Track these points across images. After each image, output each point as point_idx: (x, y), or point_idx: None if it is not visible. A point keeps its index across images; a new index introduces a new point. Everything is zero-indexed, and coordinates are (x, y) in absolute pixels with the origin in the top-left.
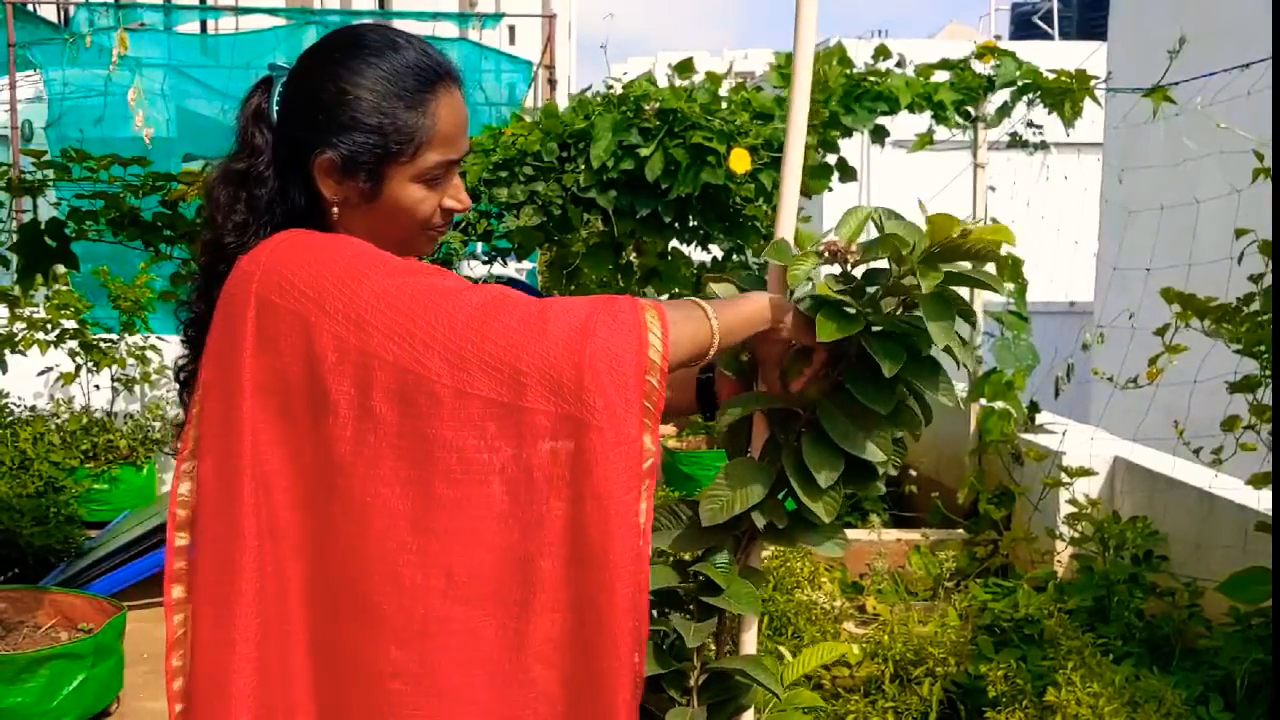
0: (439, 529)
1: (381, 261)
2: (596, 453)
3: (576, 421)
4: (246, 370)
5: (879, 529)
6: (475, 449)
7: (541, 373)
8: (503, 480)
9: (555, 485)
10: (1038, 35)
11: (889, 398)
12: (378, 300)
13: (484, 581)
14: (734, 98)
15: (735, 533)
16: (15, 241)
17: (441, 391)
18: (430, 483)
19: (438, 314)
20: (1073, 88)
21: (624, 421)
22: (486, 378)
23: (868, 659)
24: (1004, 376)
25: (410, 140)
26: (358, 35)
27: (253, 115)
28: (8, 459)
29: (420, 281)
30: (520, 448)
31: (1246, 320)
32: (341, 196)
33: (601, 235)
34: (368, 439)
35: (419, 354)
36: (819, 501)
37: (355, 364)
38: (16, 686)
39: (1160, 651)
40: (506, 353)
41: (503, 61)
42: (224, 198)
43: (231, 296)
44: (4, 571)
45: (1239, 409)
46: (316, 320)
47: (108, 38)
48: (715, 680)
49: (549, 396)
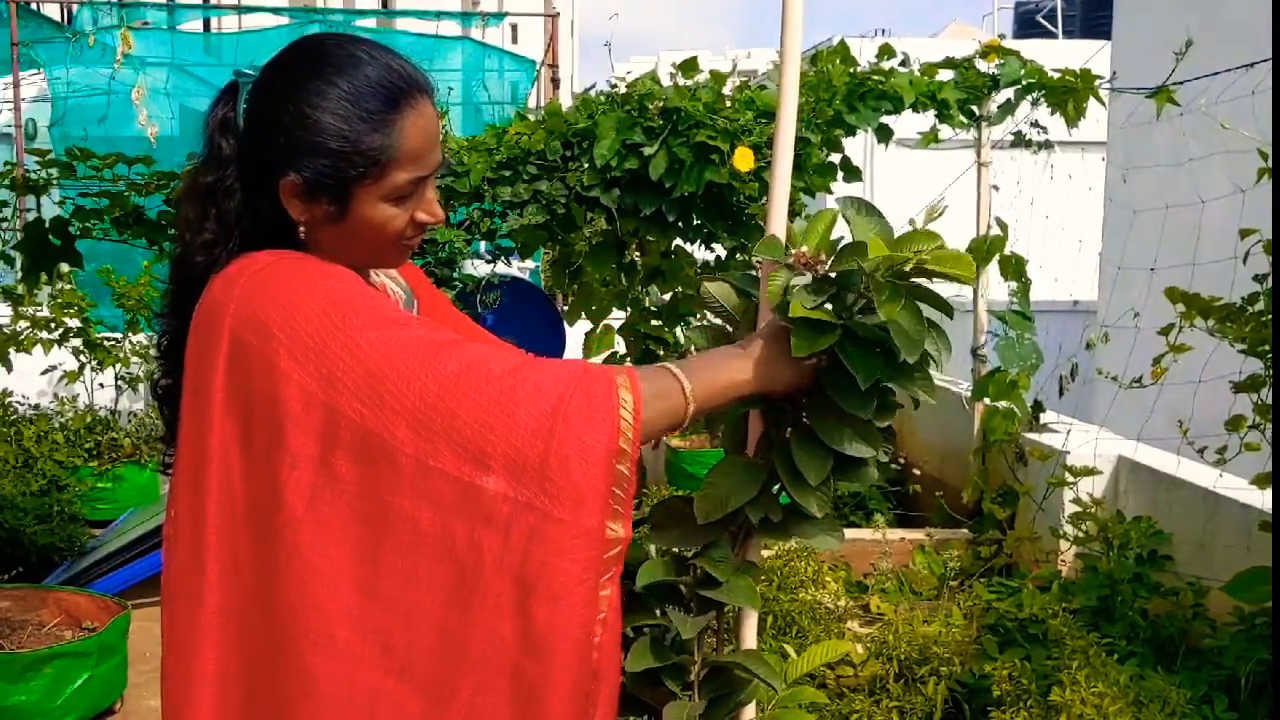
0: (384, 597)
1: (359, 309)
2: (553, 543)
3: (538, 511)
4: (217, 408)
5: (883, 528)
6: (430, 524)
7: (507, 457)
8: (454, 559)
9: (505, 571)
10: (1041, 34)
11: (868, 403)
12: (350, 356)
13: (420, 658)
14: (738, 96)
15: (732, 528)
16: (20, 240)
17: (405, 462)
18: (381, 549)
19: (410, 379)
20: (1077, 87)
21: (587, 513)
22: (452, 453)
23: (872, 658)
24: (1008, 376)
25: (375, 163)
26: (320, 51)
27: (219, 126)
28: (11, 457)
29: (396, 336)
30: (475, 528)
31: (1251, 320)
32: (308, 216)
33: (605, 234)
34: (324, 495)
35: (387, 420)
36: (810, 497)
37: (321, 419)
38: (20, 685)
39: (1165, 651)
40: (475, 432)
41: (506, 60)
42: (192, 214)
43: (206, 326)
44: (7, 570)
45: (1243, 409)
46: (286, 368)
47: (111, 36)
48: (715, 675)
49: (512, 482)
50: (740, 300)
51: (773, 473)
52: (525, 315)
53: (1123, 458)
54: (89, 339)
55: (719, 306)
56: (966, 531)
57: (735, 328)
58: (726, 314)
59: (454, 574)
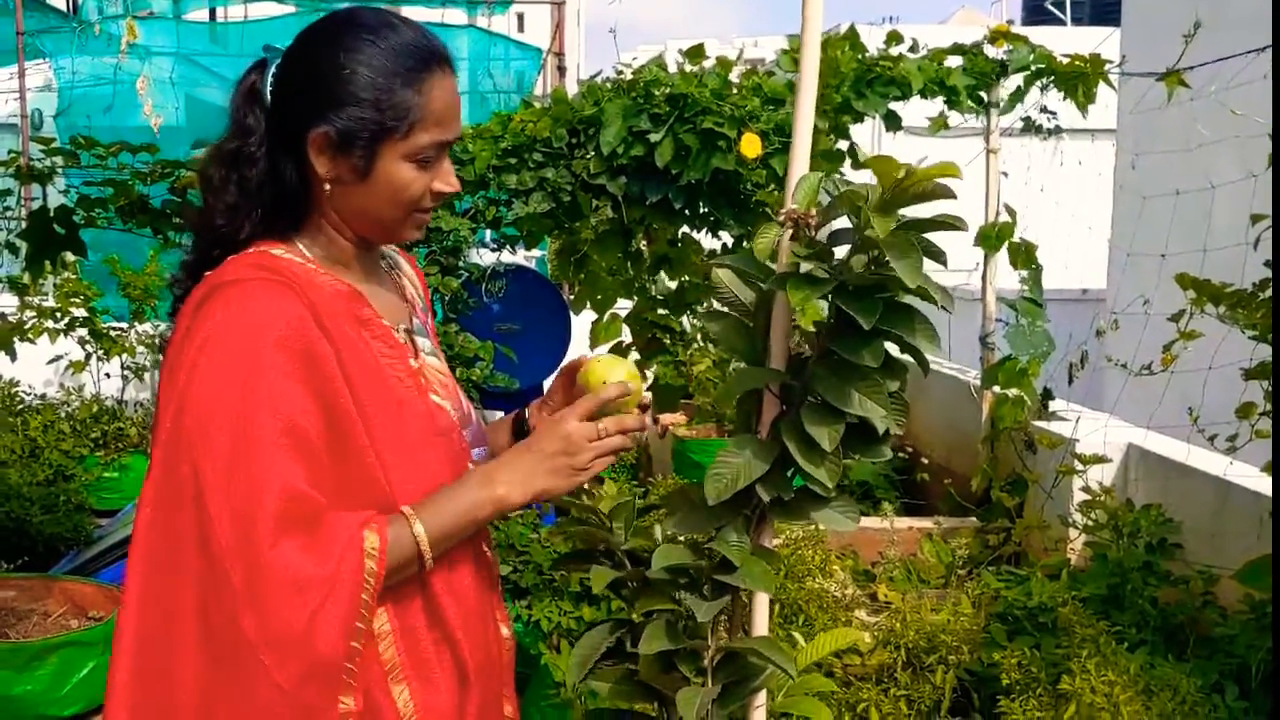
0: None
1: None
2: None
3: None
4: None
5: (891, 517)
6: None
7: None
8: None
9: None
10: (1050, 21)
11: (876, 351)
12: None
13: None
14: (744, 83)
15: (744, 511)
16: (24, 229)
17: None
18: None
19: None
20: (1086, 72)
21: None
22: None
23: (880, 647)
24: (1018, 363)
25: (404, 118)
26: (355, 14)
27: (246, 95)
28: (18, 447)
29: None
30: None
31: (1262, 306)
32: (334, 174)
33: (611, 222)
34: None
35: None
36: (821, 467)
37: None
38: (26, 674)
39: (1175, 640)
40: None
41: (512, 48)
42: (216, 178)
43: (170, 368)
44: (14, 559)
45: (1254, 396)
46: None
47: (117, 26)
48: (729, 661)
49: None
50: (749, 287)
51: (784, 455)
52: (531, 304)
53: (1132, 445)
54: (95, 328)
55: (728, 293)
56: (975, 520)
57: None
58: (735, 301)
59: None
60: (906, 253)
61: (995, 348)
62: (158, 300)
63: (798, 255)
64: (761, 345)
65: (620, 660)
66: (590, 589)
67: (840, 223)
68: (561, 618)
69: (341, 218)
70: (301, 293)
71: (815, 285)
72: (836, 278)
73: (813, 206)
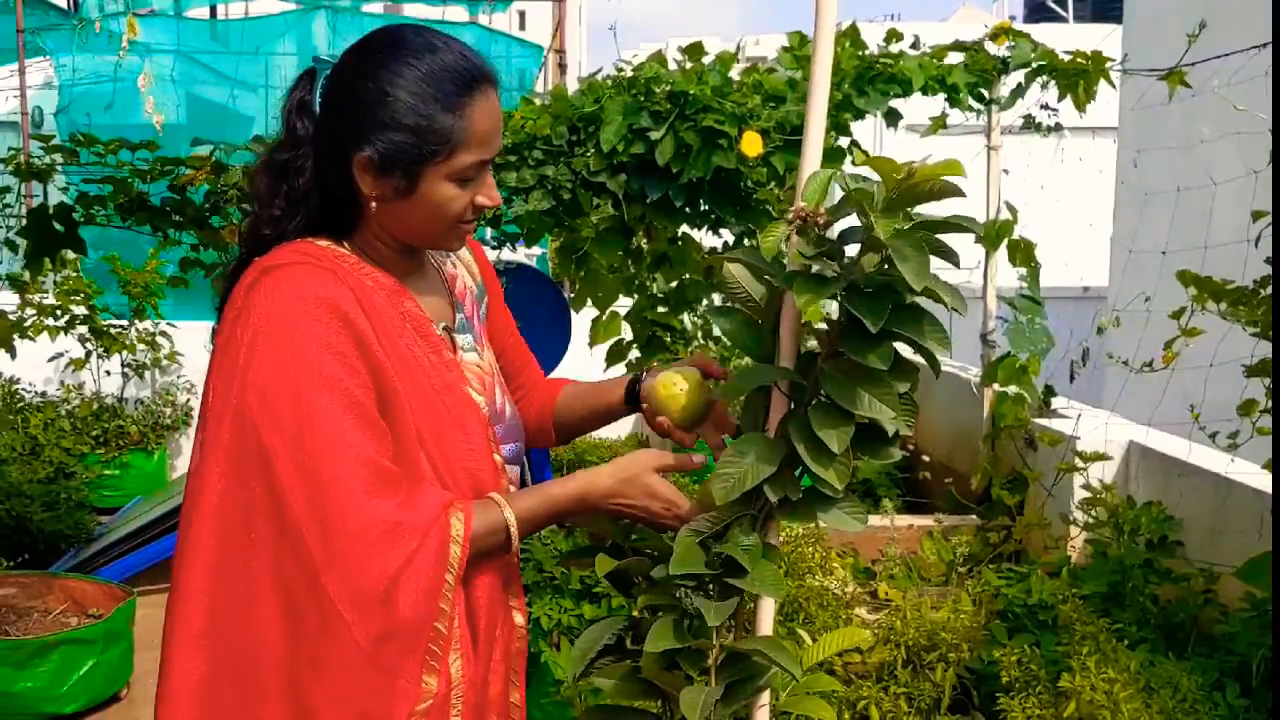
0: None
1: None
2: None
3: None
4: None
5: (892, 514)
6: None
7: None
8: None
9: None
10: (1052, 19)
11: (884, 353)
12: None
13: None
14: (745, 80)
15: (751, 511)
16: (24, 226)
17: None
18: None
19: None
20: (1088, 69)
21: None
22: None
23: (880, 644)
24: (1018, 361)
25: (445, 142)
26: (399, 36)
27: (296, 107)
28: (18, 445)
29: (342, 460)
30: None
31: (1263, 303)
32: (378, 192)
33: (612, 220)
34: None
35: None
36: (830, 469)
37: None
38: (27, 671)
39: (1176, 637)
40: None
41: (513, 46)
42: (264, 188)
43: (227, 347)
44: (14, 557)
45: (1255, 393)
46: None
47: (117, 23)
48: (733, 660)
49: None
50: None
51: (791, 454)
52: (531, 302)
53: (1133, 443)
54: (95, 326)
55: (738, 288)
56: (975, 518)
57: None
58: (745, 296)
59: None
60: (913, 254)
61: (996, 345)
62: (158, 298)
63: (804, 254)
64: (771, 342)
65: (620, 657)
66: (591, 587)
67: (852, 220)
68: (562, 615)
69: (386, 230)
70: (344, 278)
71: (823, 285)
72: (846, 277)
73: (822, 204)
